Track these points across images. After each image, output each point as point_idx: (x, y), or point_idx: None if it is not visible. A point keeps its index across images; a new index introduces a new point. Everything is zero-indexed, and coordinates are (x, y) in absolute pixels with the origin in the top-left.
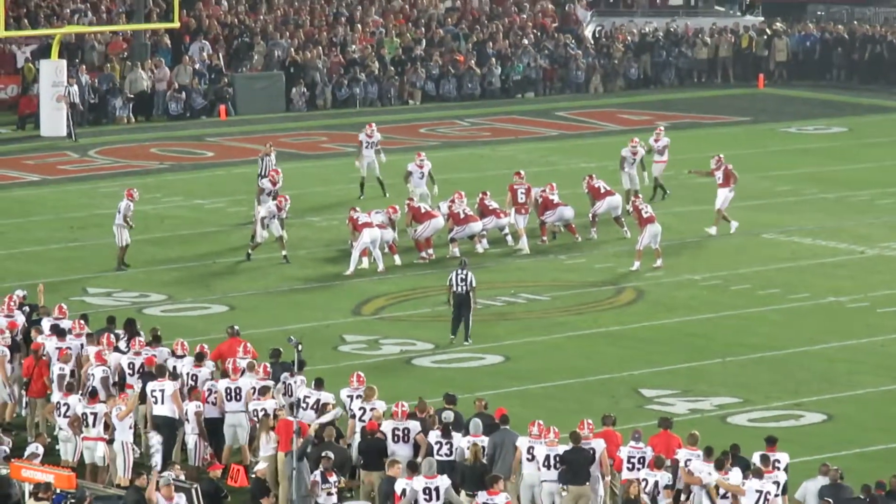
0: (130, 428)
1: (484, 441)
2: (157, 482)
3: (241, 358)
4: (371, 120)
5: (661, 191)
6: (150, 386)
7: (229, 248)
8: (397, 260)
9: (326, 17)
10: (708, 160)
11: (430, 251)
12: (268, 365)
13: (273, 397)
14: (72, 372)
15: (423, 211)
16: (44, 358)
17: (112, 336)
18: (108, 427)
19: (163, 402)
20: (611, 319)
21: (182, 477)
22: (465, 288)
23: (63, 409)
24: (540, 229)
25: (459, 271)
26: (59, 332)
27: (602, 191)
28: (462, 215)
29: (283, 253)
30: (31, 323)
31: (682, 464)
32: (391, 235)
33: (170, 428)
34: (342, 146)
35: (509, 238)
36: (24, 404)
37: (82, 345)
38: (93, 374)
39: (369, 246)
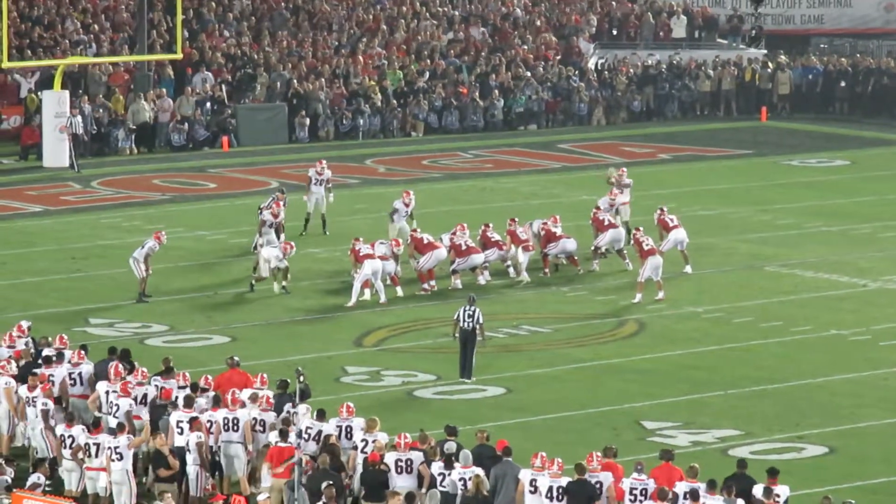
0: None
1: (481, 472)
2: None
3: (257, 388)
4: (374, 152)
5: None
6: (176, 416)
7: (231, 279)
8: (399, 291)
9: (329, 49)
10: (710, 193)
11: (433, 283)
12: (270, 396)
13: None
14: (57, 399)
15: (425, 242)
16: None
17: (121, 367)
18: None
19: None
20: (613, 352)
21: None
22: (471, 324)
23: (68, 441)
24: (542, 261)
25: (467, 307)
26: (46, 360)
27: (606, 223)
28: (464, 247)
29: (284, 284)
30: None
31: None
32: (393, 267)
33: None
34: (345, 178)
35: (511, 270)
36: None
37: (80, 373)
38: (118, 405)
39: (371, 277)
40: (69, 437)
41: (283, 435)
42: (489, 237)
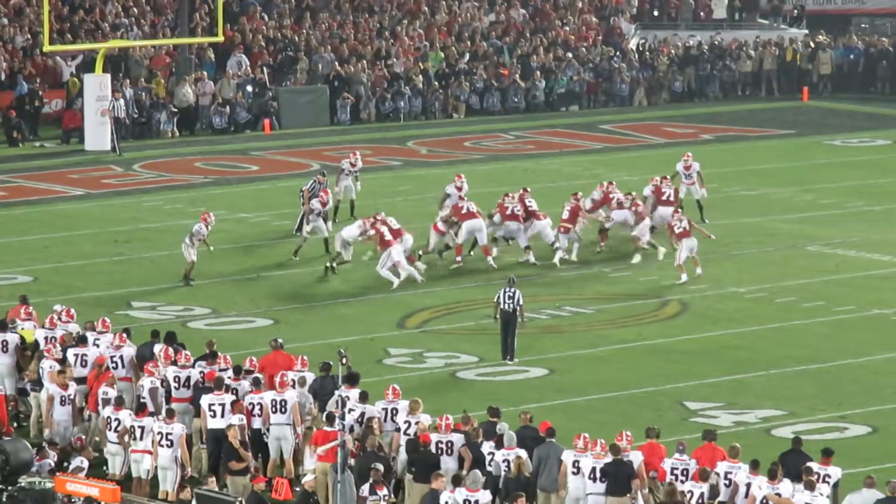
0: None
1: (523, 453)
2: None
3: (298, 371)
4: (415, 133)
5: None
6: (208, 399)
7: (273, 262)
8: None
9: (370, 31)
10: (752, 173)
11: (459, 259)
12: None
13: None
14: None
15: (464, 212)
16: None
17: (170, 350)
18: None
19: (222, 416)
20: (655, 332)
21: (216, 489)
22: (511, 306)
23: (114, 424)
24: (599, 236)
25: (508, 289)
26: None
27: (665, 197)
28: (509, 211)
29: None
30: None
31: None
32: (410, 244)
33: (226, 441)
34: (387, 160)
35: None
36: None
37: (121, 356)
38: (142, 386)
39: (401, 261)
40: (115, 419)
41: (330, 419)
42: (527, 206)
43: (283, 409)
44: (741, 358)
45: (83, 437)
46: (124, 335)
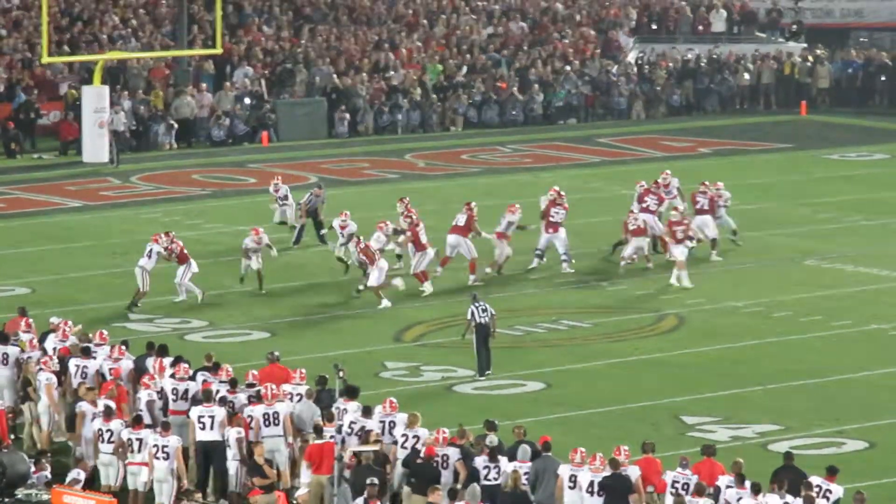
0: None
1: (525, 468)
2: None
3: (296, 384)
4: (413, 146)
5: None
6: (197, 411)
7: (270, 274)
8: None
9: (369, 44)
10: (750, 187)
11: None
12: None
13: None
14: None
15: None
16: (121, 385)
17: (164, 361)
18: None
19: (211, 428)
20: (652, 346)
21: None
22: (486, 318)
23: (106, 436)
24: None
25: (479, 304)
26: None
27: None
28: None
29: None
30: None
31: (723, 492)
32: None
33: (216, 453)
34: (384, 172)
35: (565, 265)
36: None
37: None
38: (139, 398)
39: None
40: (107, 431)
41: (319, 431)
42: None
43: (275, 422)
44: (738, 372)
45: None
46: (122, 347)
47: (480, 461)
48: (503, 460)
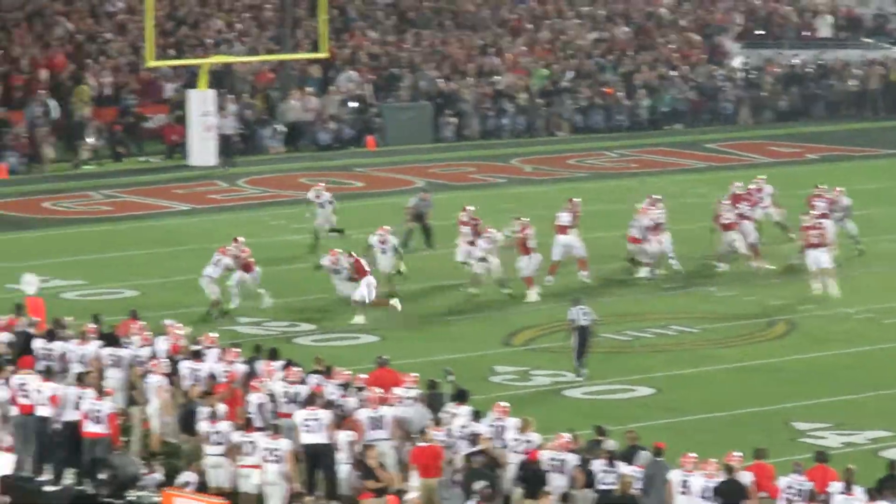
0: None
1: (630, 472)
2: None
3: (407, 388)
4: (519, 151)
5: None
6: (302, 415)
7: (378, 277)
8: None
9: (473, 49)
10: (858, 193)
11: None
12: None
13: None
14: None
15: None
16: (235, 388)
17: (273, 365)
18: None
19: (318, 431)
20: (762, 352)
21: None
22: (587, 320)
23: (214, 437)
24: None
25: (580, 307)
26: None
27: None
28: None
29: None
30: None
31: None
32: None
33: (323, 456)
34: (491, 176)
35: (674, 262)
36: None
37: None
38: (249, 401)
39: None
40: (215, 433)
41: (424, 435)
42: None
43: (380, 426)
44: (850, 378)
45: None
46: (236, 351)
47: (598, 465)
48: (620, 465)
